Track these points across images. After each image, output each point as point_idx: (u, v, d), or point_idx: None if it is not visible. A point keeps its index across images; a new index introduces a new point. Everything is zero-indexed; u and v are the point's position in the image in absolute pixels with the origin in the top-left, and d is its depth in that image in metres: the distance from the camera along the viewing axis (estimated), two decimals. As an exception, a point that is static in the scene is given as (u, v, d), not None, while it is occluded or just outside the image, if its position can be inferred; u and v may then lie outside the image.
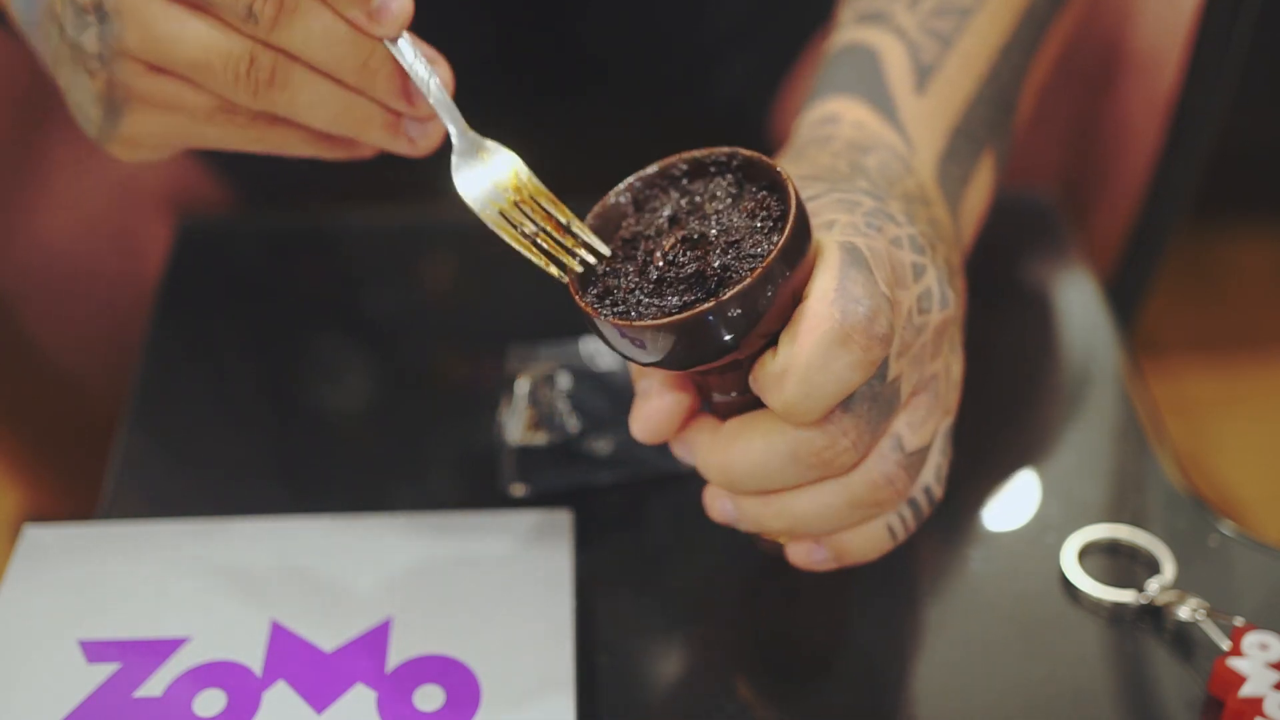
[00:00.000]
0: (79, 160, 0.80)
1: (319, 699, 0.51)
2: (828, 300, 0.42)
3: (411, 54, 0.45)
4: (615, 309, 0.45)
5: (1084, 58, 0.83)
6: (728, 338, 0.43)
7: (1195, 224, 0.92)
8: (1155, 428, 0.65)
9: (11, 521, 1.06)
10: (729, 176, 0.47)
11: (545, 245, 0.45)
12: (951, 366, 0.49)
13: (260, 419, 0.66)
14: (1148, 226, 0.83)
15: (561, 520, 0.57)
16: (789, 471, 0.45)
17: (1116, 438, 0.65)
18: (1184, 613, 0.55)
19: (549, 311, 0.65)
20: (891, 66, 0.56)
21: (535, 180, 0.47)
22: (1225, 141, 0.80)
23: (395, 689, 0.51)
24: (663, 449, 0.56)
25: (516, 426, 0.59)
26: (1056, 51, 0.65)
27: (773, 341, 0.44)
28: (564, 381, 0.60)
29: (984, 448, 0.64)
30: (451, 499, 0.60)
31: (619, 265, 0.46)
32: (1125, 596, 0.56)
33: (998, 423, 0.66)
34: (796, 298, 0.44)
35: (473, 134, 0.47)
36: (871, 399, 0.45)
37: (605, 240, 0.47)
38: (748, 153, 0.46)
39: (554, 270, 0.45)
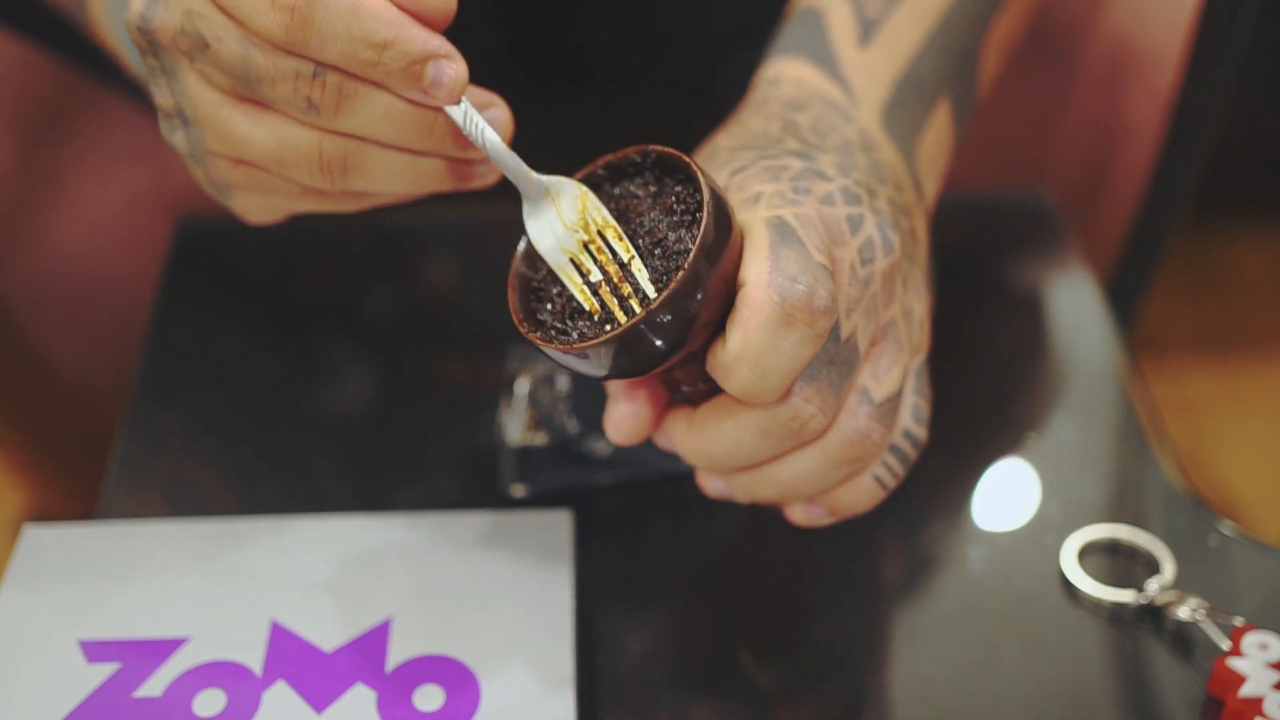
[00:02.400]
0: (88, 167, 0.80)
1: (319, 699, 0.51)
2: (764, 283, 0.43)
3: (463, 115, 0.45)
4: (556, 331, 0.45)
5: (1084, 58, 0.83)
6: (668, 341, 0.43)
7: (1195, 224, 0.92)
8: (1155, 428, 0.65)
9: (11, 521, 1.06)
10: (646, 175, 0.47)
11: (604, 299, 0.45)
12: (912, 307, 0.49)
13: (260, 419, 0.66)
14: (1148, 226, 0.83)
15: (561, 520, 0.57)
16: (762, 447, 0.46)
17: (1116, 438, 0.65)
18: (1184, 613, 0.55)
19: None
20: (835, 24, 0.56)
21: (602, 211, 0.46)
22: (1225, 141, 0.80)
23: (395, 689, 0.51)
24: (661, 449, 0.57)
25: (516, 427, 0.59)
26: (1029, 5, 0.65)
27: (720, 327, 0.44)
28: (563, 383, 0.60)
29: (984, 448, 0.64)
30: (451, 499, 0.60)
31: (555, 287, 0.46)
32: (1125, 596, 0.56)
33: (997, 423, 0.66)
34: (730, 283, 0.44)
35: (535, 177, 0.46)
36: (829, 362, 0.45)
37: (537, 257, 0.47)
38: (660, 148, 0.46)
39: (609, 326, 0.45)
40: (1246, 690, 0.51)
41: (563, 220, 0.46)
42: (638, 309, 0.44)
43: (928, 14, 0.58)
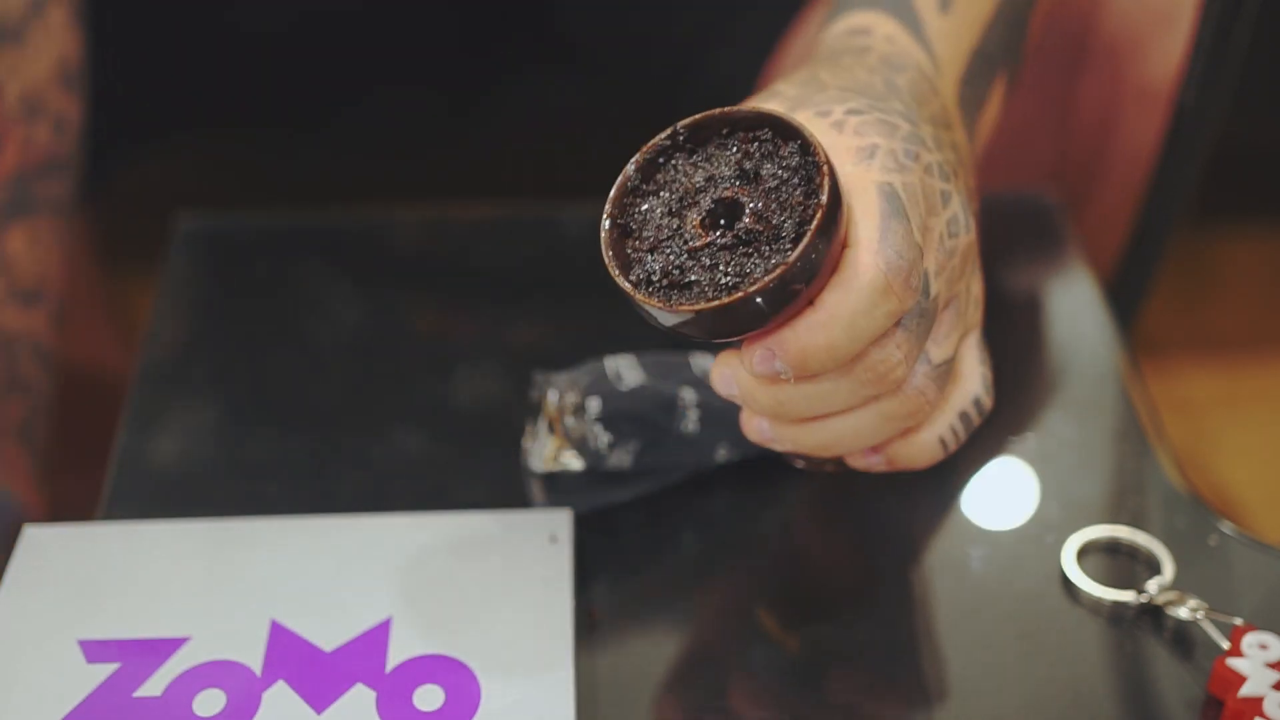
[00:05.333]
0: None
1: (319, 699, 0.51)
2: (873, 249, 0.44)
3: None
4: (660, 287, 0.45)
5: (1084, 57, 0.83)
6: (770, 311, 0.43)
7: (1195, 224, 0.92)
8: (1155, 428, 0.65)
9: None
10: (758, 135, 0.46)
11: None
12: (971, 286, 0.52)
13: (260, 419, 0.66)
14: (1147, 226, 0.83)
15: (562, 520, 0.57)
16: (843, 391, 0.47)
17: (1116, 438, 0.65)
18: (1184, 612, 0.55)
19: (548, 308, 0.66)
20: None
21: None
22: (1225, 141, 0.80)
23: (395, 689, 0.51)
24: (678, 459, 0.56)
25: (541, 453, 0.58)
26: None
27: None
28: (594, 406, 0.58)
29: (983, 448, 0.64)
30: (452, 499, 0.60)
31: (663, 238, 0.46)
32: (1125, 596, 0.56)
33: (997, 423, 0.66)
34: (837, 253, 0.44)
35: None
36: (920, 314, 0.47)
37: (640, 203, 0.46)
38: (776, 112, 0.46)
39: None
40: (1246, 690, 0.51)
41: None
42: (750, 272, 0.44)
43: None
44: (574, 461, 0.58)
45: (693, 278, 0.45)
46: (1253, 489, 1.29)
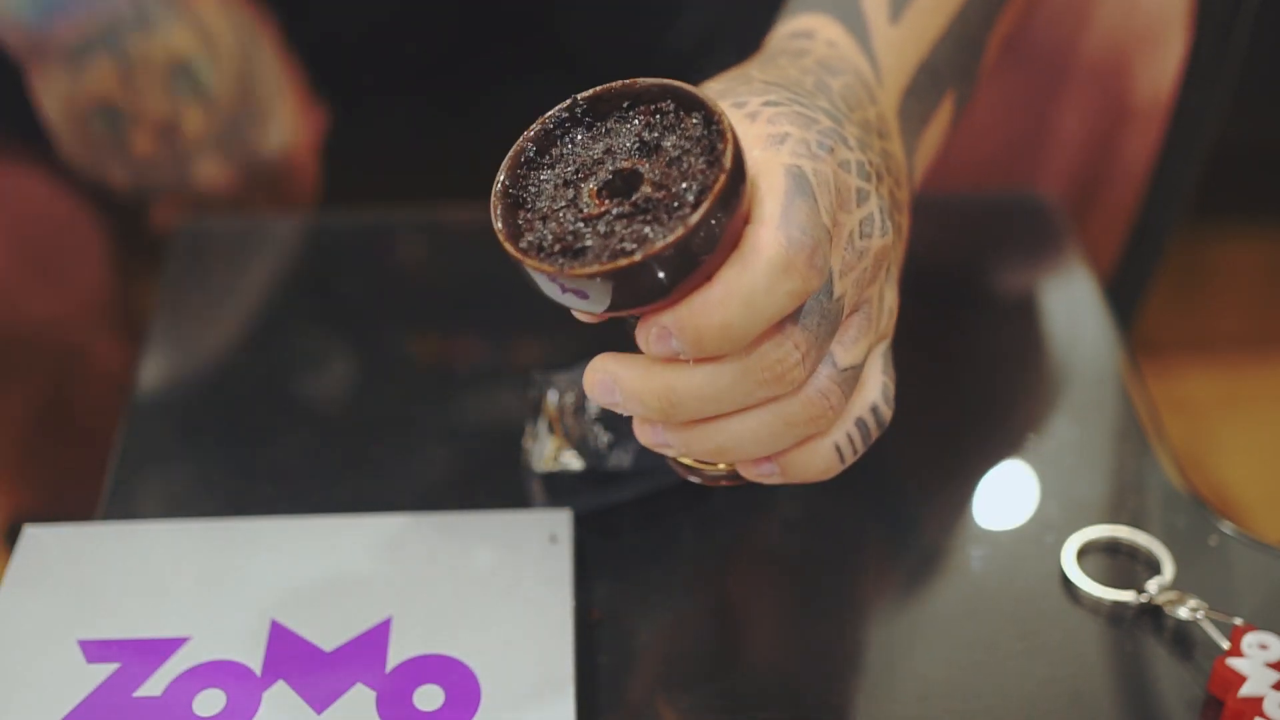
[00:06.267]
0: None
1: (319, 699, 0.51)
2: (774, 225, 0.42)
3: None
4: (551, 254, 0.42)
5: (1084, 57, 0.83)
6: (672, 276, 0.41)
7: (1194, 224, 0.92)
8: (1155, 428, 0.65)
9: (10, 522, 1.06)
10: (660, 108, 0.44)
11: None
12: (885, 294, 0.49)
13: (260, 419, 0.66)
14: (1147, 226, 0.83)
15: (562, 520, 0.57)
16: (738, 390, 0.44)
17: (1116, 438, 0.65)
18: (1184, 612, 0.55)
19: (549, 308, 0.65)
20: None
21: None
22: (1224, 141, 0.80)
23: (395, 689, 0.51)
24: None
25: (542, 454, 0.59)
26: (1023, 3, 0.65)
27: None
28: (595, 406, 0.57)
29: (983, 447, 0.64)
30: (452, 499, 0.60)
31: (558, 207, 0.44)
32: (1125, 596, 0.56)
33: (997, 422, 0.66)
34: (739, 226, 0.42)
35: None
36: (821, 314, 0.45)
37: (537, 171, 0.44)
38: (674, 83, 0.44)
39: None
40: (1246, 690, 0.51)
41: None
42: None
43: None
44: (574, 461, 0.58)
45: (588, 243, 0.42)
46: (1253, 489, 1.29)
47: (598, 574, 0.57)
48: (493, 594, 0.55)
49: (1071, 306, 0.73)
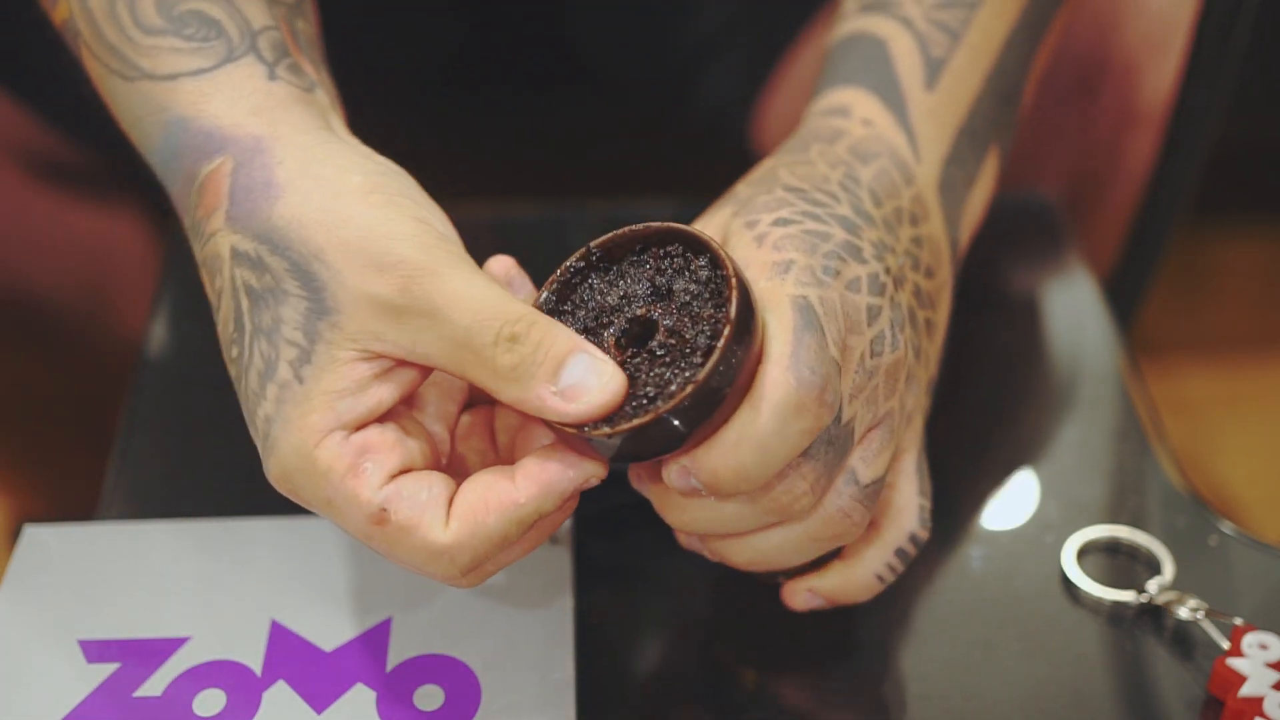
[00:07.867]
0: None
1: (319, 699, 0.51)
2: (785, 366, 0.43)
3: None
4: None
5: (1083, 58, 0.83)
6: (685, 429, 0.43)
7: (1194, 224, 0.92)
8: (1155, 428, 0.65)
9: (10, 522, 1.06)
10: (669, 251, 0.46)
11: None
12: (906, 403, 0.50)
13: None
14: (1147, 226, 0.83)
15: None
16: (747, 519, 0.46)
17: (1116, 438, 0.65)
18: (1184, 612, 0.55)
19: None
20: (901, 58, 0.55)
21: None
22: (1225, 142, 0.80)
23: (395, 689, 0.51)
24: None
25: None
26: (1056, 40, 0.65)
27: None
28: None
29: (984, 448, 0.64)
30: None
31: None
32: (1125, 596, 0.56)
33: (997, 422, 0.66)
34: (753, 369, 0.43)
35: None
36: (828, 442, 0.45)
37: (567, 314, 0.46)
38: (684, 228, 0.45)
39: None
40: (1246, 690, 0.51)
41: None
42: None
43: (986, 54, 0.57)
44: None
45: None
46: (1252, 489, 1.30)
47: (598, 575, 0.57)
48: (493, 594, 0.55)
49: (1071, 306, 0.73)
